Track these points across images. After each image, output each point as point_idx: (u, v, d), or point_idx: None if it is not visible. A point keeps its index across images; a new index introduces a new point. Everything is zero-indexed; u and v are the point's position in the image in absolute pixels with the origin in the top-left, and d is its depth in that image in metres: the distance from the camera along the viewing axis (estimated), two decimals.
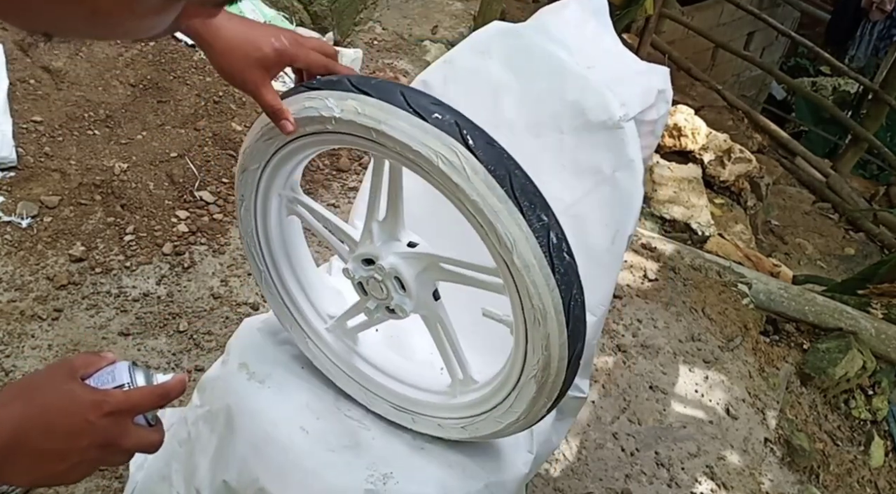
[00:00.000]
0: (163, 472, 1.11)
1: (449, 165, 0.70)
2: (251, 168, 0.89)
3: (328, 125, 0.76)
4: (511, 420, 0.85)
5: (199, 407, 1.07)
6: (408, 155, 0.72)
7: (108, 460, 0.60)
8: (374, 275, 0.87)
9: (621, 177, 1.02)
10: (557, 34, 1.09)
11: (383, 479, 0.92)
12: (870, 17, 5.15)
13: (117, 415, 0.58)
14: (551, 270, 0.72)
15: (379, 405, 1.00)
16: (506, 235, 0.70)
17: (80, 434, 0.57)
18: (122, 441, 0.59)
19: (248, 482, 0.94)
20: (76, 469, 0.58)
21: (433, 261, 0.86)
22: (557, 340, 0.75)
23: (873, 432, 2.39)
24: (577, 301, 0.75)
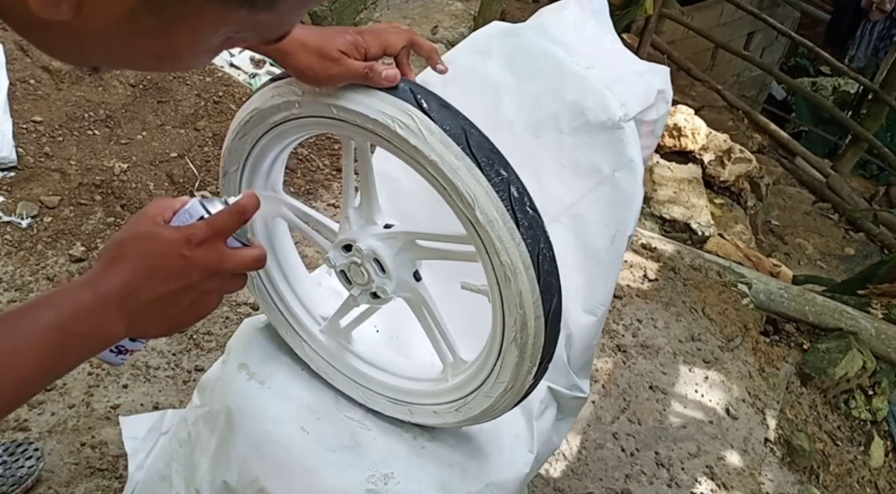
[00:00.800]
0: (163, 472, 1.11)
1: (405, 129, 0.72)
2: (231, 170, 0.91)
3: (293, 109, 0.79)
4: (500, 391, 0.85)
5: (199, 407, 1.07)
6: (367, 126, 0.74)
7: (223, 287, 0.62)
8: (354, 260, 0.88)
9: (621, 177, 1.02)
10: (557, 34, 1.09)
11: (384, 479, 0.92)
12: (870, 17, 5.15)
13: (208, 243, 0.59)
14: (515, 224, 0.73)
15: (377, 401, 1.00)
16: (466, 192, 0.72)
17: (182, 272, 0.59)
18: (225, 265, 0.60)
19: (249, 482, 0.94)
20: (199, 305, 0.61)
21: (409, 239, 0.87)
22: (530, 296, 0.75)
23: (873, 432, 2.39)
24: (546, 255, 0.75)
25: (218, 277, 0.61)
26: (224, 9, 0.40)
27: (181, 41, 0.42)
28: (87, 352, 0.58)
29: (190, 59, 0.45)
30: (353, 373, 1.01)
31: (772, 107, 6.44)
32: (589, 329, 1.08)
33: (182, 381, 1.68)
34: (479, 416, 0.91)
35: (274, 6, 0.42)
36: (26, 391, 0.56)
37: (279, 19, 0.45)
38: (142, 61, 0.45)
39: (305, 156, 2.44)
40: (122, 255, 0.59)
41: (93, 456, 1.48)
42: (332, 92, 0.75)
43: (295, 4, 0.44)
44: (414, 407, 0.97)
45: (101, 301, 0.56)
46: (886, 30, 5.19)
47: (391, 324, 1.10)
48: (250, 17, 0.42)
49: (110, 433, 1.52)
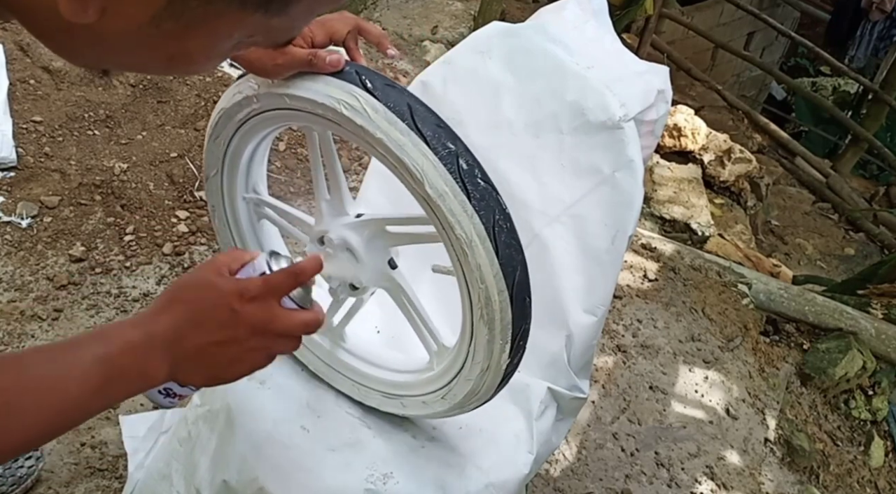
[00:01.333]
0: (163, 471, 1.11)
1: (351, 109, 0.72)
2: (211, 175, 0.92)
3: (253, 104, 0.80)
4: (478, 373, 0.84)
5: (199, 406, 1.08)
6: (317, 111, 0.75)
7: (274, 347, 0.62)
8: (327, 251, 0.88)
9: (621, 177, 1.02)
10: (557, 34, 1.09)
11: (383, 479, 0.92)
12: (870, 17, 5.15)
13: (260, 300, 0.60)
14: (466, 196, 0.72)
15: (371, 397, 1.00)
16: (414, 167, 0.72)
17: (230, 325, 0.59)
18: (274, 325, 0.60)
19: (248, 481, 0.94)
20: (242, 360, 0.61)
21: (379, 226, 0.87)
22: (490, 270, 0.74)
23: (873, 432, 2.39)
24: (503, 227, 0.75)
25: (265, 336, 0.61)
26: (241, 13, 0.40)
27: (197, 45, 0.43)
28: (130, 390, 0.59)
29: (203, 63, 0.46)
30: (348, 370, 1.01)
31: (772, 108, 6.44)
32: (589, 329, 1.08)
33: None
34: (464, 402, 0.89)
35: (287, 10, 0.42)
36: (67, 420, 0.56)
37: (290, 23, 0.45)
38: (155, 65, 0.46)
39: (305, 157, 2.44)
40: (177, 299, 0.60)
41: (93, 456, 1.48)
42: (283, 82, 0.76)
43: (306, 9, 0.44)
44: (405, 399, 0.97)
45: (149, 341, 0.57)
46: (886, 30, 5.19)
47: (392, 325, 1.10)
48: (265, 20, 0.42)
49: (110, 433, 1.52)
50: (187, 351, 0.59)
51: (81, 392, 0.55)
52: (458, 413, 0.94)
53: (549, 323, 1.08)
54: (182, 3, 0.39)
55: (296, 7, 0.43)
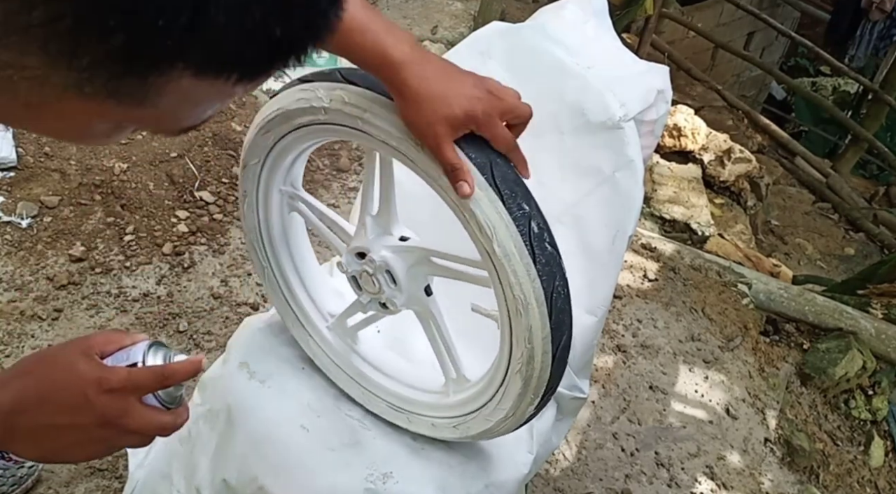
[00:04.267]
0: (163, 471, 1.11)
1: (421, 151, 0.71)
2: (251, 163, 0.90)
3: (319, 116, 0.78)
4: (499, 417, 0.85)
5: (199, 405, 1.08)
6: (391, 143, 0.73)
7: (119, 441, 0.59)
8: (366, 269, 0.87)
9: (621, 177, 1.02)
10: (557, 34, 1.09)
11: (383, 479, 0.92)
12: (870, 17, 5.15)
13: (118, 394, 0.57)
14: (532, 260, 0.72)
15: (376, 404, 1.00)
16: (486, 223, 0.71)
17: (78, 410, 0.56)
18: (126, 422, 0.58)
19: (248, 480, 0.94)
20: (83, 447, 0.58)
21: (423, 255, 0.86)
22: (540, 332, 0.75)
23: (873, 432, 2.39)
24: (561, 293, 0.75)
25: (112, 429, 0.58)
26: (85, 101, 0.36)
27: (53, 124, 0.39)
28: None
29: (80, 140, 0.43)
30: (356, 374, 1.01)
31: (772, 107, 6.44)
32: (590, 329, 1.08)
33: None
34: (476, 436, 0.90)
35: (149, 103, 0.37)
36: None
37: (169, 115, 0.40)
38: (38, 133, 0.42)
39: (323, 150, 2.45)
40: (29, 371, 0.57)
41: None
42: (360, 106, 0.74)
43: (182, 103, 0.39)
44: (412, 415, 0.97)
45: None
46: (886, 30, 5.19)
47: (394, 326, 1.10)
48: (124, 111, 0.37)
49: None
50: (24, 426, 0.56)
51: None
52: (465, 441, 0.94)
53: None
54: (11, 83, 0.34)
55: (161, 100, 0.37)
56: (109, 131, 0.41)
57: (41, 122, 0.40)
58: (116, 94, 0.36)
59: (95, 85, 0.35)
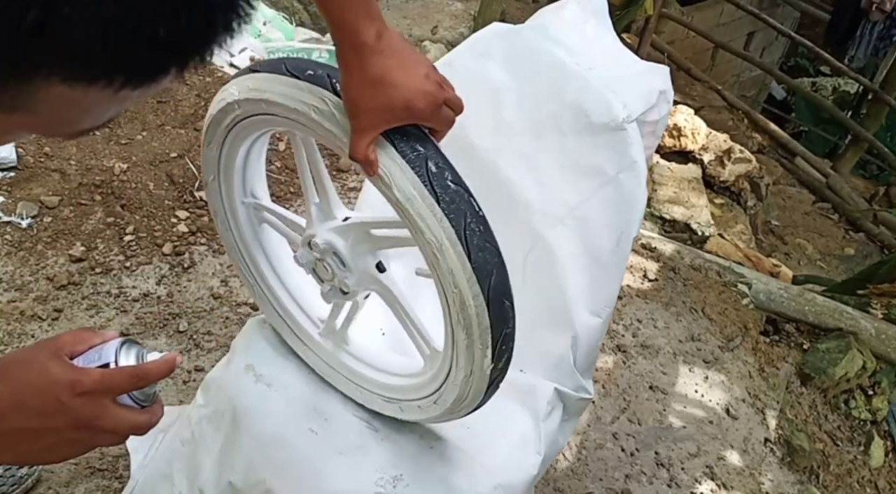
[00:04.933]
0: (164, 471, 1.11)
1: (319, 113, 0.71)
2: (210, 180, 0.92)
3: (236, 111, 0.80)
4: (462, 377, 0.82)
5: (203, 406, 1.07)
6: (291, 116, 0.74)
7: (93, 441, 0.59)
8: (315, 256, 0.88)
9: (625, 178, 1.01)
10: (557, 35, 1.09)
11: (393, 481, 0.92)
12: (870, 17, 5.15)
13: (91, 396, 0.56)
14: (435, 200, 0.70)
15: (374, 401, 1.00)
16: (382, 171, 0.71)
17: (52, 414, 0.56)
18: (100, 422, 0.57)
19: (255, 483, 0.94)
20: (57, 449, 0.58)
21: (363, 229, 0.86)
22: (462, 274, 0.73)
23: (873, 432, 2.39)
24: (475, 230, 0.73)
25: (87, 430, 0.57)
26: None
27: None
28: None
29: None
30: (351, 374, 1.01)
31: (772, 108, 6.44)
32: (594, 330, 1.07)
33: (182, 381, 1.68)
34: (454, 407, 0.88)
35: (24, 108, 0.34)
36: None
37: (54, 121, 0.37)
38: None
39: None
40: (4, 375, 0.56)
41: (93, 456, 1.48)
42: (260, 88, 0.75)
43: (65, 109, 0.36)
44: (403, 403, 0.96)
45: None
46: (886, 30, 5.19)
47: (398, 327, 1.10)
48: (3, 117, 0.35)
49: None
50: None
51: None
52: (453, 418, 0.93)
53: (555, 324, 1.08)
54: None
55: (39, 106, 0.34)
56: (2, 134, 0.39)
57: None
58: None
59: None
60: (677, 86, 4.34)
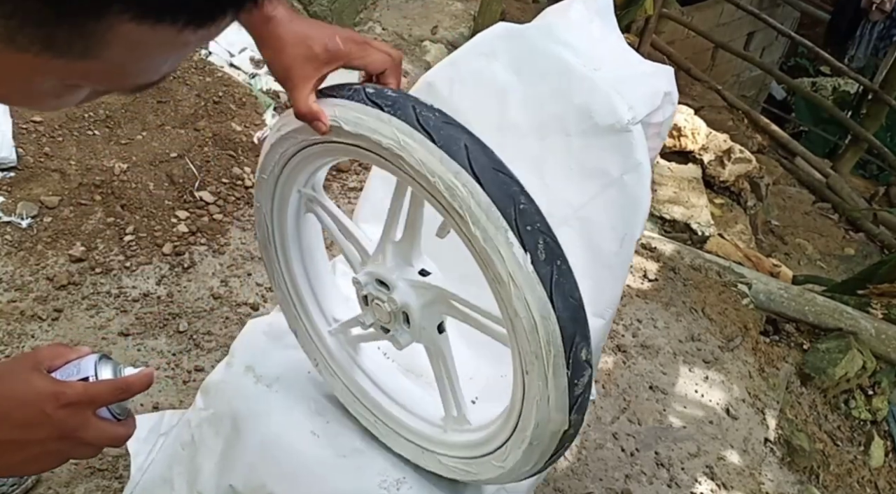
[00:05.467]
0: (164, 475, 1.11)
1: (452, 192, 0.66)
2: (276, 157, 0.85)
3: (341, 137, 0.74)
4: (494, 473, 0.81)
5: (203, 409, 1.07)
6: (418, 180, 0.69)
7: (72, 452, 0.60)
8: (383, 298, 0.83)
9: (629, 180, 1.01)
10: (563, 35, 1.08)
11: (396, 484, 0.91)
12: (870, 17, 5.15)
13: (75, 407, 0.57)
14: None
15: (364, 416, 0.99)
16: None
17: (36, 426, 0.56)
18: (82, 434, 0.58)
19: (256, 486, 0.94)
20: (39, 460, 0.58)
21: (442, 295, 0.81)
22: (556, 426, 0.71)
23: (873, 432, 2.39)
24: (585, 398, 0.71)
25: (69, 441, 0.58)
26: (20, 54, 0.34)
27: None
28: None
29: (25, 101, 0.41)
30: (353, 385, 0.99)
31: (772, 108, 6.45)
32: (598, 332, 1.07)
33: (182, 381, 1.68)
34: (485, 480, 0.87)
35: (93, 54, 0.35)
36: None
37: (119, 69, 0.38)
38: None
39: (338, 170, 2.45)
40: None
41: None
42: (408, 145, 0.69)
43: (132, 55, 0.36)
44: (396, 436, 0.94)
45: None
46: (886, 30, 5.19)
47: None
48: (67, 65, 0.35)
49: None
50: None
51: None
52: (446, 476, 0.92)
53: None
54: None
55: (107, 51, 0.35)
56: (58, 91, 0.39)
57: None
58: (53, 46, 0.34)
59: (27, 34, 0.33)
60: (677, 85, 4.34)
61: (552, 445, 0.74)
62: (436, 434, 0.91)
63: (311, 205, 0.92)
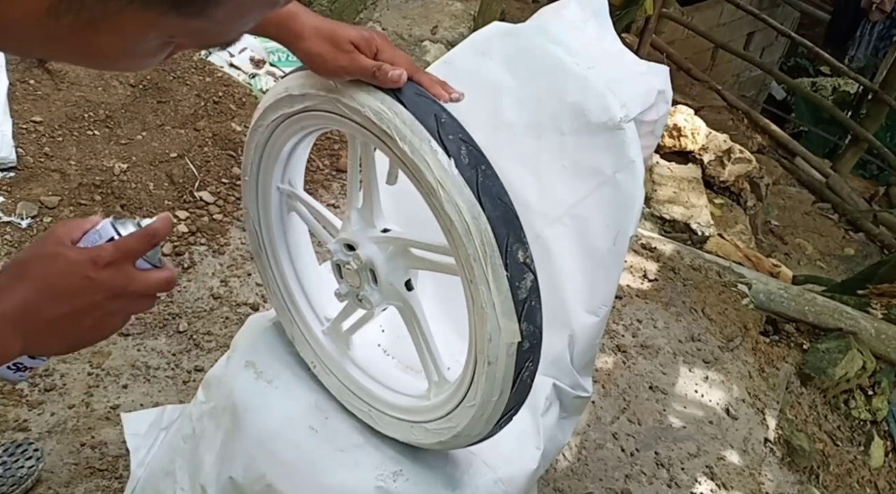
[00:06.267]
0: (166, 468, 1.11)
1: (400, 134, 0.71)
2: (249, 163, 0.91)
3: (306, 102, 0.80)
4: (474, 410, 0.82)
5: (203, 403, 1.08)
6: (353, 117, 0.75)
7: (131, 308, 0.62)
8: (350, 262, 0.89)
9: (622, 178, 1.02)
10: (558, 34, 1.09)
11: (393, 476, 0.92)
12: (870, 17, 5.15)
13: (115, 265, 0.59)
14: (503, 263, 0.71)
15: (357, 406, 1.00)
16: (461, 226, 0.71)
17: (85, 292, 0.58)
18: (132, 287, 0.60)
19: (256, 478, 0.95)
20: (103, 325, 0.61)
21: (402, 245, 0.86)
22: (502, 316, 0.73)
23: (873, 432, 2.39)
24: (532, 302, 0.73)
25: (123, 298, 0.60)
26: (148, 12, 0.38)
27: (106, 42, 0.41)
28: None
29: (124, 60, 0.43)
30: (347, 378, 1.01)
31: (772, 108, 6.44)
32: (591, 329, 1.08)
33: (182, 381, 1.68)
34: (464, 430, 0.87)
35: (206, 13, 0.39)
36: None
37: (217, 27, 0.42)
38: (74, 58, 0.44)
39: (321, 149, 2.45)
40: (23, 274, 0.58)
41: (92, 457, 1.48)
42: (340, 87, 0.75)
43: (234, 12, 0.41)
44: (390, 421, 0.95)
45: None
46: (886, 30, 5.19)
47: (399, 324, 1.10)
48: (181, 22, 0.40)
49: (110, 433, 1.52)
50: (42, 324, 0.58)
51: None
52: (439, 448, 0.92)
53: (552, 323, 1.07)
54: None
55: (218, 10, 0.40)
56: (156, 49, 0.43)
57: (95, 40, 0.40)
58: (179, 4, 0.38)
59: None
60: (677, 86, 4.35)
61: (511, 364, 0.75)
62: (421, 404, 0.93)
63: (291, 203, 0.96)
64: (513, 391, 0.79)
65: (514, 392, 0.79)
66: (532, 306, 0.74)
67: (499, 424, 0.83)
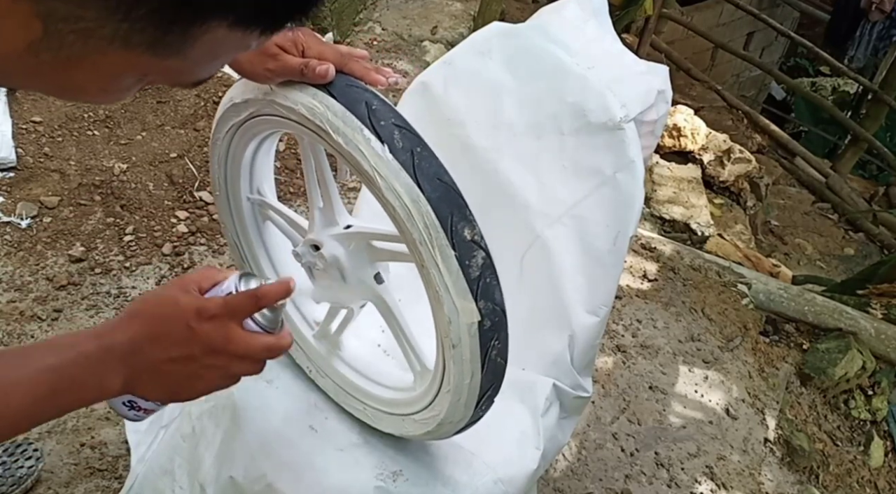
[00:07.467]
0: (165, 466, 1.11)
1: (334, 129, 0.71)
2: (216, 176, 0.93)
3: (250, 108, 0.80)
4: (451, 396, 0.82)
5: (203, 401, 1.08)
6: (291, 117, 0.75)
7: (230, 368, 0.61)
8: (317, 262, 0.88)
9: (622, 178, 1.02)
10: (557, 34, 1.09)
11: (393, 476, 0.92)
12: (869, 17, 5.15)
13: (217, 320, 0.59)
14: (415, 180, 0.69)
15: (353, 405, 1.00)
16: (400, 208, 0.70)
17: (185, 342, 0.58)
18: (232, 347, 0.60)
19: (256, 477, 0.95)
20: (198, 378, 0.60)
21: (363, 238, 0.86)
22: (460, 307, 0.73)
23: (873, 432, 2.39)
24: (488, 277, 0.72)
25: (222, 356, 0.60)
26: (127, 52, 0.39)
27: (83, 78, 0.41)
28: (83, 399, 0.59)
29: (99, 95, 0.44)
30: (339, 378, 1.01)
31: (771, 107, 6.44)
32: (591, 329, 1.08)
33: None
34: (448, 419, 0.87)
35: (181, 53, 0.40)
36: (16, 425, 0.57)
37: (191, 67, 0.43)
38: (49, 90, 0.45)
39: None
40: (138, 313, 0.59)
41: (92, 457, 1.48)
42: (276, 89, 0.76)
43: (208, 53, 0.42)
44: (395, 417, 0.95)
45: (104, 352, 0.57)
46: (886, 30, 5.19)
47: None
48: (157, 61, 0.40)
49: (110, 433, 1.52)
50: (143, 365, 0.58)
51: (32, 400, 0.55)
52: (430, 439, 0.92)
53: (552, 323, 1.08)
54: (59, 36, 0.37)
55: (193, 51, 0.40)
56: (131, 85, 0.43)
57: (73, 76, 0.41)
58: (159, 45, 0.38)
59: (144, 35, 0.37)
60: (677, 86, 4.35)
61: (475, 344, 0.74)
62: (409, 396, 0.93)
63: (264, 212, 0.97)
64: (483, 371, 0.78)
65: (486, 372, 0.78)
66: (487, 283, 0.73)
67: (478, 407, 0.82)
